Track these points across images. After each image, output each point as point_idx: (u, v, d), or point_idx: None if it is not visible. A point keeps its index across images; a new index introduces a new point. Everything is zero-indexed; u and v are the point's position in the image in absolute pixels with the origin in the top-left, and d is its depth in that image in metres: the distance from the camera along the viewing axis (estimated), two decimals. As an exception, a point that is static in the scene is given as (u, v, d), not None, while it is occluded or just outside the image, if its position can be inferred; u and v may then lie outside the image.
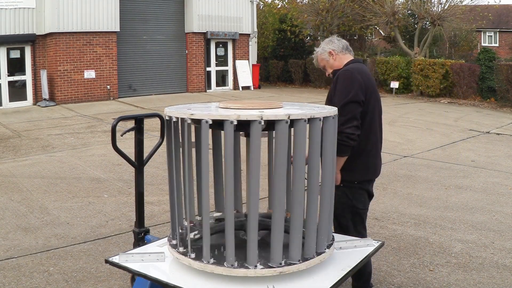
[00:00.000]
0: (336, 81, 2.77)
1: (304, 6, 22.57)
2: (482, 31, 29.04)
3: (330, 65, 2.97)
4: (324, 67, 3.01)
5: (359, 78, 2.72)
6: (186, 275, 2.15)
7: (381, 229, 4.56)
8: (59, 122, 11.12)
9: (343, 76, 2.75)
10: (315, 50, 3.07)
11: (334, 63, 2.95)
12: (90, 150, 8.11)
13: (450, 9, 18.08)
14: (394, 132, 10.07)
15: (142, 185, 3.22)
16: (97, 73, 14.90)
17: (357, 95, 2.67)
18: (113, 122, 2.97)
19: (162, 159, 6.46)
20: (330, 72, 3.00)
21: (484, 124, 11.59)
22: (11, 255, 3.88)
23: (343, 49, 2.95)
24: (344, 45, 2.97)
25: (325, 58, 2.96)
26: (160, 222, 4.70)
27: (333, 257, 2.32)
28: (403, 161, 7.52)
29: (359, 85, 2.69)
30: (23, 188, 5.83)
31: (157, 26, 16.51)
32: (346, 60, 2.93)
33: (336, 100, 2.70)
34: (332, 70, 2.96)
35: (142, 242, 3.12)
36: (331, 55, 2.94)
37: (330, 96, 2.81)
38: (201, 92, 17.42)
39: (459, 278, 3.53)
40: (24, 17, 13.89)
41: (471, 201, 5.48)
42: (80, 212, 4.97)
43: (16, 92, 14.20)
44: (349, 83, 2.70)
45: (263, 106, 2.20)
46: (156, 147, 3.30)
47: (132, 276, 3.13)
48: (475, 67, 16.34)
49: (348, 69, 2.79)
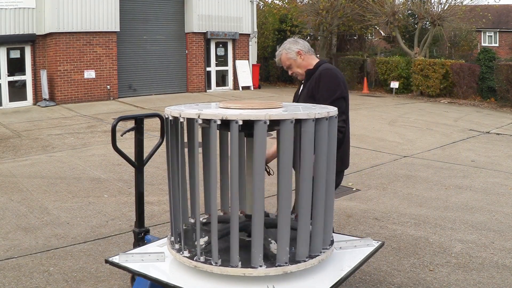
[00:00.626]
0: (319, 80, 2.90)
1: (304, 6, 22.57)
2: (482, 31, 29.04)
3: (297, 64, 3.06)
4: (289, 66, 3.09)
5: (341, 76, 2.97)
6: (186, 275, 2.15)
7: (381, 229, 4.56)
8: (59, 122, 11.12)
9: (329, 75, 2.90)
10: (277, 49, 3.17)
11: (302, 62, 3.06)
12: (90, 150, 8.11)
13: (450, 9, 18.09)
14: (394, 132, 10.07)
15: (142, 185, 3.22)
16: (97, 73, 14.90)
17: (343, 92, 2.90)
18: (113, 122, 2.97)
19: (162, 159, 6.46)
20: (296, 71, 3.09)
21: (484, 124, 11.59)
22: (11, 255, 3.88)
23: (309, 50, 3.09)
24: (308, 46, 3.11)
25: (292, 58, 3.05)
26: (160, 222, 4.70)
27: (333, 257, 2.32)
28: (403, 161, 7.52)
29: (343, 83, 2.93)
30: (23, 188, 5.83)
31: (157, 26, 16.50)
32: (313, 61, 3.08)
33: (322, 97, 2.85)
34: (306, 70, 3.05)
35: (142, 242, 3.12)
36: (299, 55, 3.04)
37: (311, 93, 2.92)
38: (201, 92, 17.42)
39: (459, 278, 3.53)
40: (24, 17, 13.89)
41: (471, 201, 5.48)
42: (80, 212, 4.97)
43: (16, 92, 14.19)
44: (335, 81, 2.89)
45: (264, 106, 2.21)
46: (156, 147, 3.30)
47: (132, 276, 3.13)
48: (475, 67, 16.34)
49: (330, 68, 2.96)
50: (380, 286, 3.40)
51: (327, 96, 2.84)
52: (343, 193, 5.73)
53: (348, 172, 6.78)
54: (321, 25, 21.02)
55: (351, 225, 4.67)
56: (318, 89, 2.89)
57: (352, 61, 19.90)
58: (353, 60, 19.92)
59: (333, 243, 2.35)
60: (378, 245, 2.50)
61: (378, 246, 2.50)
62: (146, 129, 3.66)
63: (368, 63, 19.98)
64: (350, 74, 19.79)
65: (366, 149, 8.33)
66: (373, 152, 8.11)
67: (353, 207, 5.23)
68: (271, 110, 2.10)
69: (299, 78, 3.15)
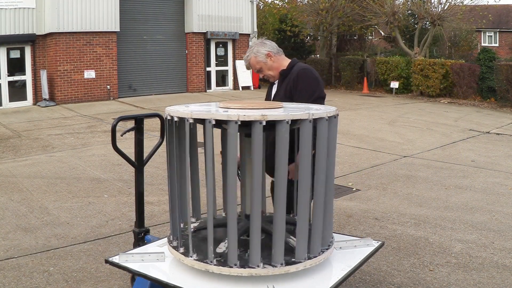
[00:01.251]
0: (297, 80, 2.89)
1: (304, 6, 22.56)
2: (482, 31, 29.05)
3: (268, 67, 3.02)
4: (260, 69, 3.05)
5: (318, 76, 2.99)
6: (186, 275, 2.15)
7: (381, 229, 4.56)
8: (59, 122, 11.12)
9: (307, 75, 2.92)
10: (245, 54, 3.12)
11: (273, 64, 3.02)
12: (90, 150, 8.11)
13: (450, 9, 18.09)
14: (394, 132, 10.07)
15: (142, 185, 3.22)
16: (97, 73, 14.90)
17: (323, 91, 2.94)
18: (113, 122, 2.97)
19: (162, 159, 6.46)
20: (267, 73, 3.05)
21: (484, 124, 11.59)
22: (11, 255, 3.88)
23: (278, 50, 3.05)
24: (277, 46, 3.08)
25: (262, 60, 3.01)
26: (160, 222, 4.70)
27: (333, 257, 2.32)
28: (403, 161, 7.52)
29: (321, 83, 2.97)
30: (23, 188, 5.83)
31: (157, 26, 16.50)
32: (284, 61, 3.05)
33: (301, 97, 2.84)
34: (281, 71, 3.01)
35: (142, 242, 3.12)
36: (269, 57, 3.00)
37: (289, 94, 2.90)
38: (201, 92, 17.42)
39: (459, 278, 3.53)
40: (24, 17, 13.89)
41: (471, 201, 5.47)
42: (80, 212, 4.97)
43: (16, 92, 14.19)
44: (315, 81, 2.92)
45: (264, 106, 2.21)
46: (156, 147, 3.30)
47: (132, 276, 3.13)
48: (475, 67, 16.33)
49: (307, 68, 2.98)
50: (380, 286, 3.39)
51: (307, 96, 2.83)
52: (343, 193, 5.73)
53: (348, 172, 6.79)
54: (321, 25, 21.02)
55: (351, 225, 4.67)
56: (296, 89, 2.88)
57: (352, 61, 19.90)
58: (353, 60, 19.91)
59: (333, 243, 2.35)
60: (378, 245, 2.50)
61: (378, 246, 2.50)
62: (146, 129, 3.66)
63: (368, 63, 19.97)
64: (350, 74, 19.79)
65: (366, 149, 8.33)
66: (373, 152, 8.11)
67: (353, 207, 5.22)
68: (293, 111, 2.12)
69: (271, 80, 3.11)
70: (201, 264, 2.08)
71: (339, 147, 7.08)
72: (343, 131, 9.76)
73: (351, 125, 10.73)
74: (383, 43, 26.96)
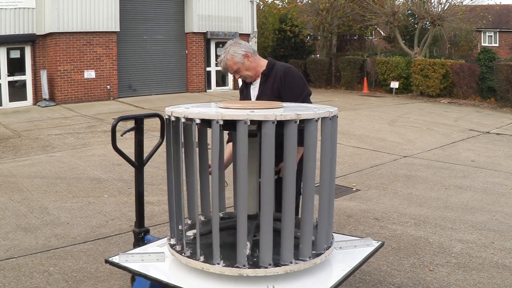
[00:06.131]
0: (284, 79, 2.91)
1: (304, 6, 22.57)
2: (482, 31, 29.05)
3: (246, 67, 2.97)
4: (237, 70, 2.98)
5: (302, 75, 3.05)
6: (186, 275, 2.15)
7: (381, 229, 4.56)
8: (59, 122, 11.12)
9: (295, 73, 2.96)
10: (220, 55, 3.05)
11: (251, 65, 2.97)
12: (90, 150, 8.11)
13: (450, 9, 18.09)
14: (394, 132, 10.07)
15: (142, 185, 3.22)
16: (97, 73, 14.90)
17: (309, 89, 2.99)
18: (113, 122, 2.96)
19: (162, 159, 6.45)
20: (245, 74, 3.00)
21: (484, 124, 11.59)
22: (11, 255, 3.88)
23: (254, 50, 3.04)
24: (251, 46, 3.08)
25: (239, 61, 2.94)
26: (160, 222, 4.70)
27: (333, 257, 2.32)
28: (403, 161, 7.52)
29: (305, 80, 3.03)
30: (23, 188, 5.83)
31: (157, 26, 16.50)
32: (261, 61, 3.03)
33: (291, 96, 2.88)
34: (264, 70, 2.99)
35: (142, 242, 3.12)
36: (246, 57, 2.95)
37: (277, 93, 2.91)
38: (201, 92, 17.42)
39: (459, 278, 3.53)
40: (24, 17, 13.89)
41: (471, 201, 5.47)
42: (80, 212, 4.97)
43: (16, 92, 14.19)
44: (302, 80, 2.99)
45: (266, 106, 2.21)
46: (156, 147, 3.30)
47: (132, 276, 3.13)
48: (475, 67, 16.33)
49: (291, 67, 3.01)
50: (380, 286, 3.40)
51: (297, 95, 2.88)
52: (343, 193, 5.73)
53: (348, 172, 6.79)
54: (321, 25, 21.02)
55: (351, 225, 4.67)
56: (285, 88, 2.90)
57: (352, 61, 19.89)
58: (353, 60, 19.91)
59: (333, 243, 2.35)
60: (378, 245, 2.50)
61: (378, 246, 2.49)
62: (146, 129, 3.66)
63: (368, 63, 19.96)
64: (350, 74, 19.79)
65: (366, 149, 8.33)
66: (373, 152, 8.11)
67: (353, 207, 5.22)
68: (300, 110, 2.14)
69: (248, 80, 3.05)
70: (207, 265, 2.07)
71: (339, 147, 7.07)
72: (343, 131, 9.76)
73: (351, 125, 10.73)
74: (383, 43, 26.94)
